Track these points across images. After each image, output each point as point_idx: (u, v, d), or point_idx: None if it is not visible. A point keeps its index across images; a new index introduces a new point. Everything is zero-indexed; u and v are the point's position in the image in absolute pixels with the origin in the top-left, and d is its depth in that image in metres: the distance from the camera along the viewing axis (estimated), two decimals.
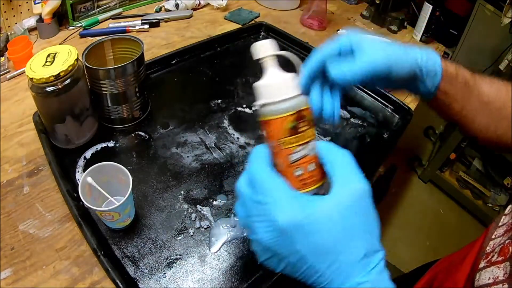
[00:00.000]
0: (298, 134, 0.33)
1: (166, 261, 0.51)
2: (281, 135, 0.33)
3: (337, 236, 0.29)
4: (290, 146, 0.33)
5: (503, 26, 1.49)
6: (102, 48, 0.68)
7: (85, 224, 0.51)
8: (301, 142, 0.33)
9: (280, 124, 0.33)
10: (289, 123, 0.33)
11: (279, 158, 0.34)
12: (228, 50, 0.95)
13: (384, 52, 0.39)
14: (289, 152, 0.33)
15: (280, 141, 0.33)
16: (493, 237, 0.42)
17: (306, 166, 0.33)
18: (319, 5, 1.09)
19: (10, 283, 0.47)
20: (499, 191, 1.70)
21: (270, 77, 0.35)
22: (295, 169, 0.34)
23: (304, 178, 0.34)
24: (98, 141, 0.66)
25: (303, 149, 0.33)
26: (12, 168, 0.61)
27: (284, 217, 0.29)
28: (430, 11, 1.10)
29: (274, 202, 0.30)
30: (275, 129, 0.33)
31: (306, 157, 0.33)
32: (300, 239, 0.29)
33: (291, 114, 0.33)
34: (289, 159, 0.33)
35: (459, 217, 1.80)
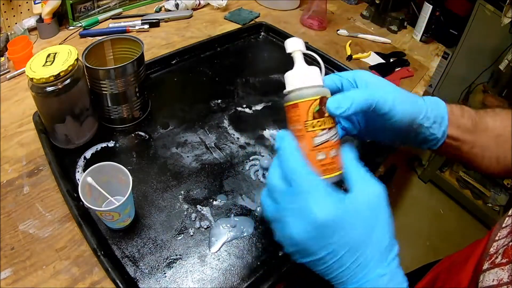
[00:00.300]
0: (323, 118, 0.36)
1: (166, 261, 0.51)
2: (308, 117, 0.36)
3: (365, 231, 0.31)
4: (315, 129, 0.35)
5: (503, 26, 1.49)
6: (102, 48, 0.68)
7: (85, 224, 0.51)
8: (324, 127, 0.36)
9: (307, 107, 0.36)
10: (315, 106, 0.35)
11: (302, 141, 0.36)
12: (228, 50, 0.95)
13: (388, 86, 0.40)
14: (314, 135, 0.35)
15: (307, 123, 0.36)
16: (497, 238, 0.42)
17: (328, 151, 0.36)
18: (319, 5, 1.09)
19: (10, 283, 0.47)
20: (499, 191, 1.70)
21: (299, 68, 0.39)
22: (318, 153, 0.35)
23: (325, 163, 0.35)
24: (98, 141, 0.66)
25: (326, 133, 0.36)
26: (12, 168, 0.61)
27: (322, 212, 0.31)
28: (430, 11, 1.10)
29: (312, 198, 0.32)
30: (303, 111, 0.36)
31: (328, 141, 0.36)
32: (334, 234, 0.31)
33: (316, 99, 0.36)
34: (313, 142, 0.35)
35: (459, 217, 1.80)
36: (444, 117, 0.42)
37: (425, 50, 1.14)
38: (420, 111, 0.40)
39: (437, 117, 0.42)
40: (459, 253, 0.54)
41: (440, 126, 0.42)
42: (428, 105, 0.41)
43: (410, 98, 0.40)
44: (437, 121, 0.42)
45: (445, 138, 0.43)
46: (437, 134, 0.42)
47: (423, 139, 0.43)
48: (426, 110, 0.41)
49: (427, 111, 0.41)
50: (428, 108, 0.41)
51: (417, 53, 1.11)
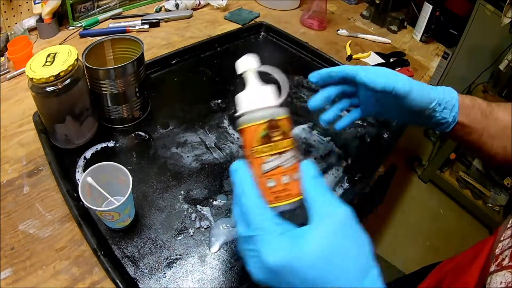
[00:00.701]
0: (271, 143, 0.33)
1: (166, 261, 0.51)
2: (254, 143, 0.34)
3: (329, 267, 0.29)
4: (262, 156, 0.33)
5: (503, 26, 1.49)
6: (102, 48, 0.67)
7: (85, 224, 0.51)
8: (273, 152, 0.33)
9: (253, 132, 0.34)
10: (261, 131, 0.33)
11: (253, 167, 0.34)
12: (228, 50, 0.95)
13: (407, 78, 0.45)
14: (261, 162, 0.33)
15: (253, 149, 0.34)
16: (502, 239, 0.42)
17: (279, 177, 0.33)
18: (319, 5, 1.09)
19: (10, 283, 0.47)
20: (499, 191, 1.70)
21: (249, 89, 0.37)
22: (268, 180, 0.33)
23: (276, 190, 0.33)
24: (98, 141, 0.66)
25: (276, 159, 0.33)
26: (12, 168, 0.61)
27: (274, 258, 0.29)
28: (430, 11, 1.10)
29: (263, 241, 0.30)
30: (249, 137, 0.34)
31: (279, 168, 0.33)
32: (291, 277, 0.29)
33: (263, 123, 0.33)
34: (262, 168, 0.33)
35: (459, 217, 1.80)
36: (455, 105, 0.47)
37: (425, 50, 1.14)
38: (433, 99, 0.46)
39: (448, 104, 0.46)
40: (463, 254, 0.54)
41: (450, 112, 0.47)
42: (441, 94, 0.46)
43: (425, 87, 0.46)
44: (447, 108, 0.46)
45: (455, 123, 0.47)
46: (448, 119, 0.47)
47: (435, 122, 0.48)
48: (438, 97, 0.46)
49: (439, 99, 0.46)
50: (440, 96, 0.46)
51: (417, 53, 1.11)
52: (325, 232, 0.30)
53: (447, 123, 0.48)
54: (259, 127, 0.33)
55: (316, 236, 0.30)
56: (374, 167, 0.69)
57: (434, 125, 0.49)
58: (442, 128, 0.49)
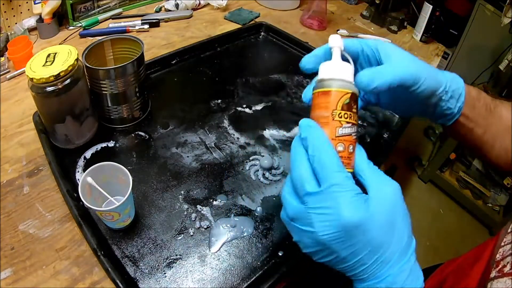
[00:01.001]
0: (350, 112, 0.36)
1: (166, 261, 0.51)
2: (337, 107, 0.36)
3: (387, 231, 0.32)
4: (341, 120, 0.36)
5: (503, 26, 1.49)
6: (102, 48, 0.68)
7: (85, 224, 0.51)
8: (350, 120, 0.36)
9: (339, 96, 0.36)
10: (346, 98, 0.36)
11: (325, 128, 0.36)
12: (228, 50, 0.95)
13: (414, 62, 0.40)
14: (338, 125, 0.35)
15: (334, 112, 0.36)
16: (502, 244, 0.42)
17: (347, 145, 0.36)
18: (319, 5, 1.09)
19: (10, 283, 0.47)
20: (499, 191, 1.70)
21: (336, 61, 0.39)
22: (339, 143, 0.35)
23: (343, 156, 0.35)
24: (98, 141, 0.66)
25: (350, 127, 0.36)
26: (12, 168, 0.61)
27: (351, 214, 0.31)
28: (430, 11, 1.10)
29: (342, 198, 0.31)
30: (334, 100, 0.36)
31: (350, 136, 0.36)
32: (358, 235, 0.31)
33: (349, 92, 0.36)
34: (336, 132, 0.35)
35: (459, 217, 1.80)
36: (462, 93, 0.43)
37: (425, 50, 1.14)
38: (440, 84, 0.41)
39: (455, 92, 0.43)
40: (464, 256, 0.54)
41: (457, 102, 0.43)
42: (448, 80, 0.42)
43: (433, 72, 0.41)
44: (454, 96, 0.43)
45: (460, 115, 0.44)
46: (453, 109, 0.43)
47: (440, 113, 0.44)
48: (446, 84, 0.42)
49: (446, 85, 0.42)
50: (447, 83, 0.42)
51: (417, 53, 1.11)
52: (384, 200, 0.33)
53: (452, 114, 0.44)
54: (346, 94, 0.36)
55: (382, 203, 0.33)
56: None
57: (438, 116, 0.45)
58: (445, 120, 0.45)
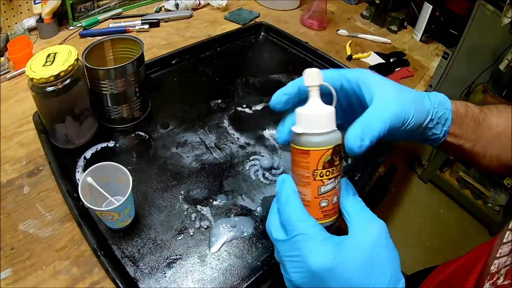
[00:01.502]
0: (332, 167, 0.34)
1: (166, 261, 0.51)
2: (318, 167, 0.34)
3: (363, 274, 0.31)
4: (323, 178, 0.34)
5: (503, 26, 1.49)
6: (102, 48, 0.68)
7: (85, 224, 0.51)
8: (333, 175, 0.34)
9: (319, 156, 0.34)
10: (327, 156, 0.34)
11: (307, 188, 0.35)
12: (228, 50, 0.95)
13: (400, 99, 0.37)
14: (321, 184, 0.34)
15: (315, 172, 0.34)
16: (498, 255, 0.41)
17: (331, 198, 0.35)
18: (319, 5, 1.09)
19: (10, 283, 0.47)
20: (499, 191, 1.70)
21: (314, 107, 0.35)
22: (322, 200, 0.35)
23: (327, 209, 0.35)
24: (98, 141, 0.66)
25: (333, 182, 0.35)
26: (12, 168, 0.61)
27: (318, 261, 0.31)
28: (430, 11, 1.10)
29: (307, 246, 0.32)
30: (313, 160, 0.34)
31: (333, 190, 0.35)
32: (333, 281, 0.31)
33: (330, 148, 0.34)
34: (319, 190, 0.34)
35: (459, 217, 1.80)
36: (448, 118, 0.41)
37: (425, 50, 1.14)
38: (427, 115, 0.39)
39: (441, 118, 0.41)
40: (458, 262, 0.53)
41: (443, 127, 0.42)
42: (434, 107, 0.40)
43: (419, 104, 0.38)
44: (440, 122, 0.41)
45: (445, 137, 0.42)
46: (439, 134, 0.42)
47: (426, 137, 0.43)
48: (432, 112, 0.40)
49: (432, 114, 0.40)
50: (434, 110, 0.40)
51: (417, 53, 1.11)
52: (366, 241, 0.32)
53: (437, 139, 0.43)
54: (326, 152, 0.33)
55: (359, 244, 0.32)
56: (374, 167, 0.69)
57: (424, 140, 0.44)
58: (432, 142, 0.44)
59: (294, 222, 0.33)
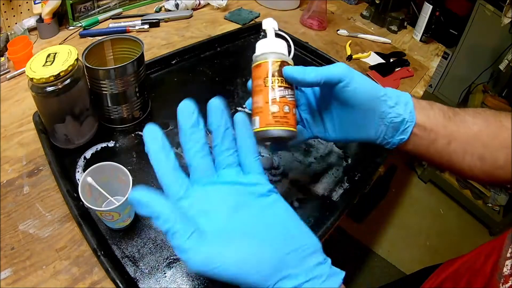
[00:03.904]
0: (281, 77, 0.40)
1: (166, 261, 0.51)
2: (267, 75, 0.40)
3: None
4: (272, 85, 0.40)
5: (503, 26, 1.49)
6: (102, 48, 0.67)
7: (85, 224, 0.51)
8: (281, 84, 0.40)
9: (268, 67, 0.40)
10: (276, 66, 0.40)
11: (259, 94, 0.40)
12: (228, 50, 0.95)
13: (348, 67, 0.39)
14: (271, 90, 0.39)
15: (266, 79, 0.40)
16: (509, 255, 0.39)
17: (282, 105, 0.39)
18: (319, 5, 1.09)
19: (10, 283, 0.47)
20: (499, 191, 1.70)
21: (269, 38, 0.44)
22: (272, 105, 0.39)
23: (278, 115, 0.39)
24: (98, 141, 0.66)
25: (282, 90, 0.39)
26: (12, 168, 0.61)
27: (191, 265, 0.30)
28: (430, 11, 1.10)
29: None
30: (264, 70, 0.40)
31: (284, 98, 0.39)
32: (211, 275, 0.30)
33: (278, 61, 0.41)
34: (269, 95, 0.39)
35: (459, 217, 1.80)
36: (409, 101, 0.40)
37: (425, 50, 1.14)
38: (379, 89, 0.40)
39: (400, 98, 0.40)
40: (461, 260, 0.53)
41: (405, 107, 0.39)
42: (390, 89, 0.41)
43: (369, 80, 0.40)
44: (400, 102, 0.39)
45: (414, 124, 0.39)
46: (404, 115, 0.39)
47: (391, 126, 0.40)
48: (386, 91, 0.40)
49: (387, 91, 0.40)
50: (388, 90, 0.40)
51: (417, 53, 1.11)
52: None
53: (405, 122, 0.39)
54: (275, 63, 0.40)
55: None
56: (374, 167, 0.69)
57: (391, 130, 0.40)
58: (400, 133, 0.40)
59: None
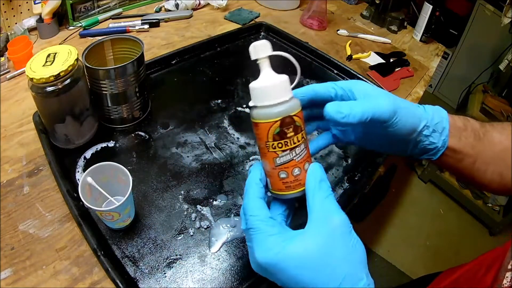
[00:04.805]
0: (285, 139, 0.34)
1: (166, 261, 0.51)
2: (268, 139, 0.34)
3: (309, 272, 0.30)
4: (276, 150, 0.34)
5: (503, 26, 1.49)
6: (102, 48, 0.67)
7: (85, 224, 0.51)
8: (286, 148, 0.34)
9: (267, 129, 0.34)
10: (275, 128, 0.33)
11: (266, 159, 0.36)
12: (228, 50, 0.95)
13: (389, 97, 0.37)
14: (275, 156, 0.34)
15: (267, 143, 0.34)
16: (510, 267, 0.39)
17: (291, 170, 0.34)
18: (319, 5, 1.09)
19: (10, 283, 0.47)
20: None
21: (264, 79, 0.35)
22: (280, 172, 0.35)
23: (288, 181, 0.35)
24: (98, 141, 0.66)
25: (288, 154, 0.34)
26: (12, 168, 0.61)
27: (262, 256, 0.32)
28: (430, 11, 1.10)
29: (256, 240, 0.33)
30: (263, 132, 0.34)
31: (291, 161, 0.34)
32: (279, 275, 0.32)
33: (277, 121, 0.33)
34: (275, 162, 0.35)
35: (459, 217, 1.80)
36: (445, 127, 0.40)
37: (425, 50, 1.14)
38: (420, 120, 0.39)
39: (438, 126, 0.40)
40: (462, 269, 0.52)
41: (440, 135, 0.40)
42: (429, 114, 0.40)
43: (411, 107, 0.39)
44: (437, 130, 0.40)
45: (445, 149, 0.41)
46: (437, 143, 0.40)
47: (422, 149, 0.41)
48: (427, 119, 0.39)
49: (427, 120, 0.39)
50: (429, 117, 0.40)
51: (417, 53, 1.11)
52: (315, 237, 0.31)
53: (436, 149, 0.41)
54: (273, 124, 0.33)
55: (305, 241, 0.31)
56: (374, 167, 0.69)
57: (421, 151, 0.42)
58: (429, 155, 0.42)
59: (247, 215, 0.34)
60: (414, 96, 0.93)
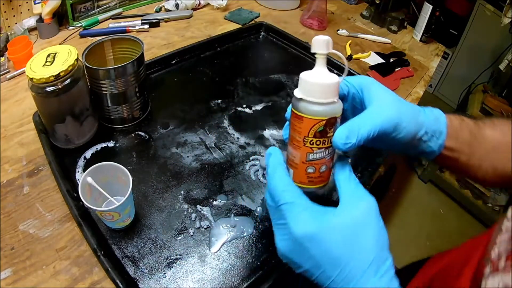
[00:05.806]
0: (324, 138, 0.35)
1: (166, 261, 0.51)
2: (309, 135, 0.35)
3: (345, 246, 0.32)
4: (312, 146, 0.35)
5: (503, 26, 1.49)
6: (102, 48, 0.68)
7: (85, 224, 0.51)
8: (322, 146, 0.35)
9: (311, 124, 0.34)
10: (320, 126, 0.34)
11: (297, 151, 0.36)
12: (228, 50, 0.95)
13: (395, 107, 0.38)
14: (309, 151, 0.35)
15: (306, 138, 0.35)
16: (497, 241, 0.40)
17: (319, 167, 0.36)
18: (319, 5, 1.09)
19: (10, 283, 0.47)
20: (499, 191, 1.70)
21: (317, 74, 0.35)
22: (308, 166, 0.36)
23: (313, 176, 0.36)
24: (98, 141, 0.66)
25: (322, 152, 0.35)
26: (12, 168, 0.61)
27: (301, 228, 0.33)
28: (430, 11, 1.10)
29: (290, 213, 0.34)
30: (305, 126, 0.34)
31: (322, 159, 0.36)
32: (315, 248, 0.32)
33: (323, 120, 0.34)
34: (307, 157, 0.35)
35: (459, 217, 1.80)
36: (443, 132, 0.42)
37: (425, 50, 1.14)
38: (421, 127, 0.40)
39: (436, 131, 0.42)
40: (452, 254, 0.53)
41: (437, 140, 0.42)
42: (429, 120, 0.41)
43: (414, 115, 0.40)
44: (435, 135, 0.42)
45: (441, 150, 0.43)
46: (434, 147, 0.42)
47: (421, 150, 0.43)
48: (427, 125, 0.41)
49: (427, 127, 0.41)
50: (428, 124, 0.41)
51: (417, 53, 1.11)
52: (352, 214, 0.33)
53: (433, 152, 0.43)
54: (318, 122, 0.34)
55: (344, 215, 0.33)
56: (374, 167, 0.69)
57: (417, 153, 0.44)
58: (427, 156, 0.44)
59: (279, 192, 0.35)
60: (414, 96, 0.93)
